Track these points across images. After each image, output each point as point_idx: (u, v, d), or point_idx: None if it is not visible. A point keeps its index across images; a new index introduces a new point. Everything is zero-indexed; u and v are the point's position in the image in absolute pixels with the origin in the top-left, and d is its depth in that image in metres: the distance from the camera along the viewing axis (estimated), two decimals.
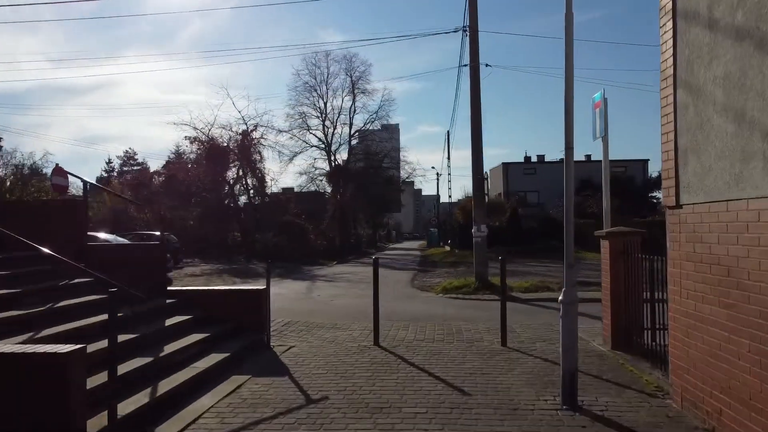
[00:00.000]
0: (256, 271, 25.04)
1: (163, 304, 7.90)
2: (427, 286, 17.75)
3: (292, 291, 16.74)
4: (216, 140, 37.68)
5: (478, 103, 15.94)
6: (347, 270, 26.83)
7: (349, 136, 51.49)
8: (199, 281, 19.85)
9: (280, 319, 10.74)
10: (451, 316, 11.34)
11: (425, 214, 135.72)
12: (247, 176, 38.68)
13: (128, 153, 65.11)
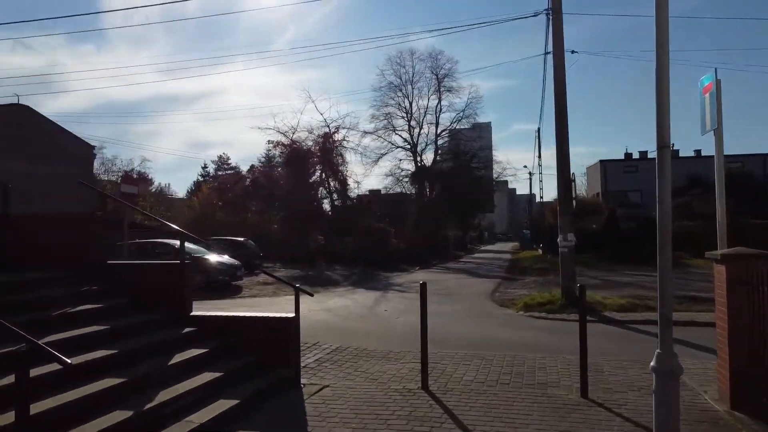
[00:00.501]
0: (330, 278, 24.24)
1: (179, 334, 6.91)
2: (507, 300, 16.00)
3: (359, 304, 15.58)
4: (298, 144, 37.51)
5: (562, 95, 14.04)
6: (427, 277, 25.33)
7: (436, 135, 50.11)
8: (268, 290, 19.20)
9: (329, 343, 9.56)
10: (526, 344, 9.67)
11: (519, 214, 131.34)
12: (329, 179, 38.22)
13: (222, 158, 67.26)
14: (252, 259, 25.70)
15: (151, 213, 45.20)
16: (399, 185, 48.51)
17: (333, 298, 16.90)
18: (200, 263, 19.08)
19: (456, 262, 38.84)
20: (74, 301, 6.67)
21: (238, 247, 25.81)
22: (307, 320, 12.18)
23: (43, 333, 5.70)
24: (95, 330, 6.16)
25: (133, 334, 6.54)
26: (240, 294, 18.20)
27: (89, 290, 7.09)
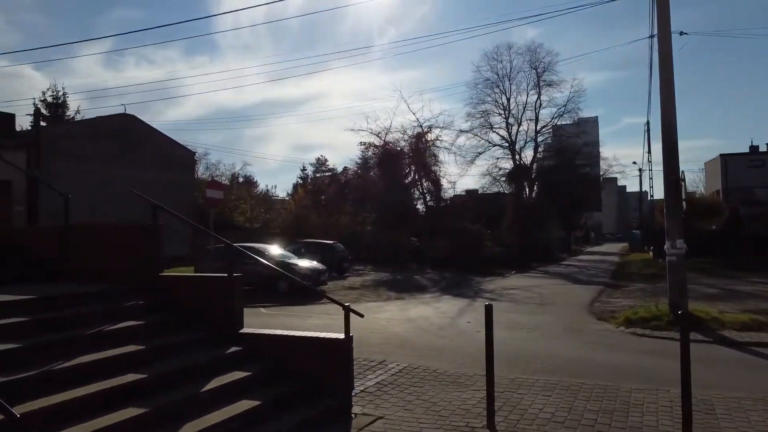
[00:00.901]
0: (418, 283, 23.47)
1: (222, 355, 6.40)
2: (607, 312, 14.44)
3: (441, 314, 14.67)
4: (391, 144, 37.09)
5: (669, 82, 12.35)
6: (522, 283, 23.98)
7: (536, 132, 47.94)
8: (352, 295, 18.74)
9: (397, 362, 8.77)
10: (623, 370, 8.37)
11: (630, 213, 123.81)
12: (422, 180, 37.47)
13: (320, 160, 68.48)
14: (341, 262, 25.53)
15: (251, 216, 46.76)
16: (496, 185, 46.90)
17: (416, 306, 16.12)
18: (284, 268, 18.97)
19: (557, 266, 36.77)
20: (116, 318, 6.34)
21: (326, 249, 25.72)
22: (382, 333, 11.54)
23: (72, 354, 5.38)
24: (129, 350, 5.77)
25: (172, 354, 6.11)
26: (321, 299, 17.83)
27: (135, 305, 6.77)
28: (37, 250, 8.28)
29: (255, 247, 20.32)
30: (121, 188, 27.01)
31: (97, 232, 8.31)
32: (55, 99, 39.77)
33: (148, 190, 28.94)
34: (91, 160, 26.47)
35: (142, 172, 29.11)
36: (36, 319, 5.73)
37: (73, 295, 6.51)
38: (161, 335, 6.42)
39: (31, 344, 5.28)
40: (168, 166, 30.94)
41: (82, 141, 26.60)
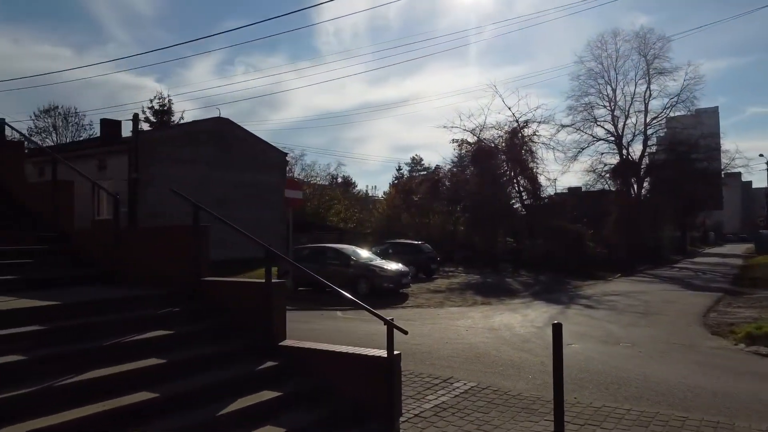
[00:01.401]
0: (509, 287, 22.05)
1: (254, 370, 5.75)
2: (724, 325, 12.53)
3: (528, 323, 13.38)
4: (484, 141, 35.64)
5: None
6: (625, 288, 21.91)
7: (645, 124, 44.51)
8: (436, 299, 17.81)
9: (464, 380, 7.78)
10: (740, 402, 6.86)
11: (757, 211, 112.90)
12: (519, 177, 35.69)
13: (415, 159, 67.88)
14: (428, 264, 24.64)
15: (345, 216, 46.92)
16: (601, 182, 43.93)
17: (502, 314, 14.90)
18: (365, 270, 18.40)
19: (669, 269, 33.67)
20: (144, 327, 5.87)
21: (413, 250, 24.91)
22: (456, 344, 10.54)
23: (84, 368, 4.92)
24: (149, 365, 5.24)
25: (199, 369, 5.53)
26: (403, 303, 17.06)
27: (169, 313, 6.29)
28: (92, 251, 8.10)
29: (336, 248, 19.94)
30: (217, 191, 27.93)
31: (147, 234, 8.00)
32: (161, 106, 42.07)
33: (243, 191, 29.74)
34: (188, 163, 27.38)
35: (237, 174, 29.81)
36: (54, 327, 5.33)
37: (103, 302, 6.11)
38: (190, 347, 5.87)
39: (40, 356, 4.86)
40: (262, 167, 31.49)
41: (180, 145, 27.59)
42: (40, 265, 7.46)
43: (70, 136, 49.20)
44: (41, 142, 44.55)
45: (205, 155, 28.56)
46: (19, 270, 7.13)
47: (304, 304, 16.08)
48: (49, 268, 7.50)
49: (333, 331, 12.16)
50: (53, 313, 5.60)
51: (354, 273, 18.08)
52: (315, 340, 10.89)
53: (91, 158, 27.17)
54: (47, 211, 8.69)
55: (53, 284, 7.03)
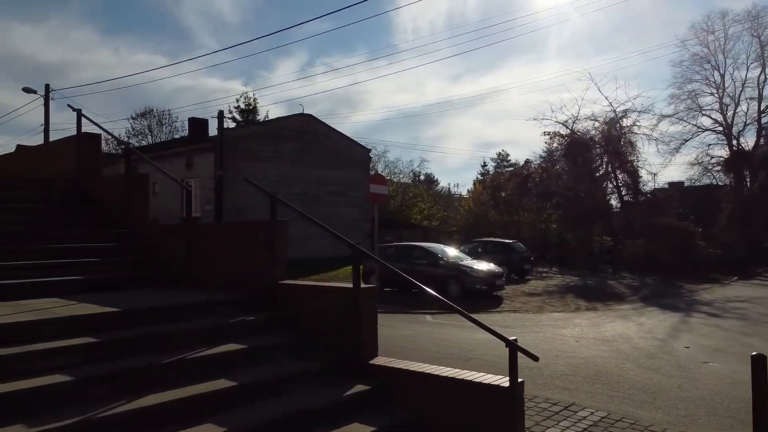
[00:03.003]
0: (614, 290, 20.05)
1: (340, 397, 4.69)
2: None
3: (647, 333, 11.65)
4: (578, 133, 33.33)
5: None
6: (748, 293, 19.39)
7: (758, 112, 40.23)
8: (534, 303, 16.26)
9: (589, 408, 6.41)
10: None
11: None
12: (616, 171, 33.11)
13: (501, 155, 65.57)
14: (521, 264, 23.00)
15: (429, 214, 45.75)
16: (707, 175, 40.23)
17: (612, 321, 13.21)
18: (455, 270, 17.13)
19: None
20: (213, 339, 4.97)
21: (504, 249, 23.33)
22: (569, 357, 9.11)
23: (136, 392, 4.04)
24: (216, 388, 4.29)
25: (275, 393, 4.54)
26: (498, 307, 15.66)
27: (242, 322, 5.37)
28: (162, 249, 7.39)
29: (423, 247, 18.79)
30: (299, 187, 27.56)
31: (219, 230, 7.17)
32: (247, 105, 42.63)
33: (326, 188, 29.24)
34: (271, 160, 27.13)
35: (320, 170, 29.34)
36: (108, 339, 4.50)
37: (166, 309, 5.27)
38: (265, 365, 4.90)
39: (87, 376, 4.03)
40: (345, 164, 30.90)
41: (264, 142, 27.39)
42: (105, 264, 6.80)
43: (164, 137, 50.97)
44: (137, 143, 46.28)
45: (288, 152, 28.24)
46: (82, 270, 6.49)
47: (390, 306, 15.04)
48: (115, 268, 6.82)
49: (424, 338, 11.03)
50: (109, 322, 4.80)
51: (443, 273, 16.86)
52: (404, 347, 9.84)
53: (179, 157, 27.49)
54: (119, 207, 8.09)
55: (116, 286, 6.34)
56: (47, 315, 4.70)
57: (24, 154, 10.76)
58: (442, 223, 45.69)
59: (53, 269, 6.32)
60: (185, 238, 6.91)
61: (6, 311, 4.91)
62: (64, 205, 8.32)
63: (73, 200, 8.54)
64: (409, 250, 18.54)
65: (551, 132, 33.81)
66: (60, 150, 9.59)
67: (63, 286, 6.04)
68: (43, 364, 4.07)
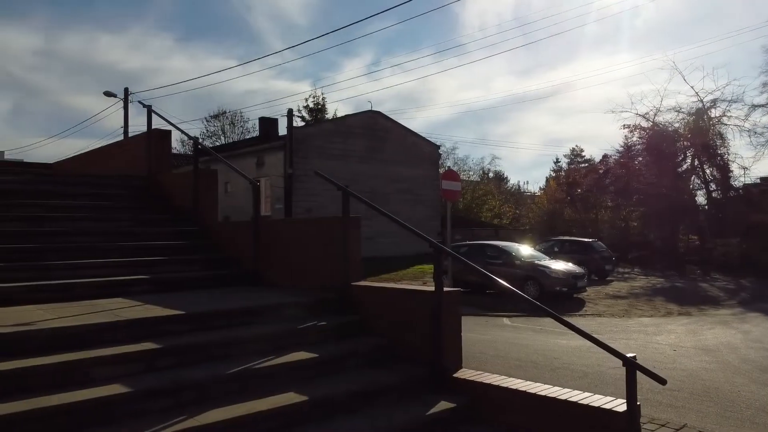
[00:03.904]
0: (708, 293, 18.52)
1: (423, 415, 4.13)
2: None
3: (754, 342, 10.45)
4: (660, 126, 31.35)
5: None
6: None
7: None
8: (619, 306, 15.16)
9: (698, 430, 5.58)
10: None
11: None
12: (704, 165, 30.92)
13: (574, 150, 63.05)
14: (602, 264, 21.73)
15: (499, 212, 44.54)
16: None
17: (712, 328, 12.02)
18: (533, 271, 16.24)
19: None
20: (281, 346, 4.54)
21: (584, 249, 22.09)
22: (668, 369, 8.16)
23: (208, 402, 3.65)
24: (288, 403, 3.83)
25: (349, 410, 4.05)
26: (580, 310, 14.68)
27: (313, 328, 4.91)
28: (231, 248, 7.08)
29: (498, 246, 17.98)
30: (368, 185, 27.22)
31: (288, 228, 6.78)
32: (315, 104, 42.89)
33: (394, 186, 28.78)
34: (340, 158, 26.94)
35: (388, 167, 28.94)
36: (170, 346, 4.13)
37: (232, 312, 4.87)
38: (337, 377, 4.42)
39: (146, 388, 3.66)
40: (414, 161, 30.37)
41: (332, 139, 27.25)
42: (174, 263, 6.54)
43: (236, 138, 52.14)
44: (210, 144, 47.46)
45: (357, 149, 27.99)
46: (150, 269, 6.24)
47: (465, 308, 14.32)
48: (183, 266, 6.56)
49: (503, 343, 10.34)
50: (173, 326, 4.45)
51: (520, 273, 16.01)
52: (482, 353, 9.18)
53: (250, 156, 27.78)
54: (189, 204, 7.87)
55: (184, 286, 6.05)
56: (111, 317, 4.40)
57: (97, 153, 10.84)
58: (513, 221, 44.39)
59: (121, 267, 6.12)
60: (253, 235, 6.56)
61: (73, 311, 4.67)
62: (134, 202, 8.20)
63: (142, 197, 8.41)
64: (483, 249, 17.78)
65: (631, 125, 31.97)
66: (132, 147, 9.55)
67: (131, 285, 5.80)
68: (102, 373, 3.75)
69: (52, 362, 3.65)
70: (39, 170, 11.11)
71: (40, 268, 5.69)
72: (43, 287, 5.34)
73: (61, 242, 6.35)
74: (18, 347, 3.78)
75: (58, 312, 4.66)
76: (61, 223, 6.77)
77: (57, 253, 6.05)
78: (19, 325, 4.08)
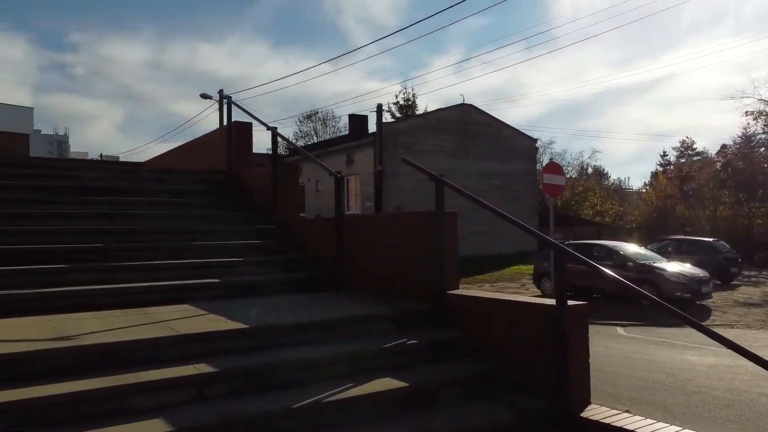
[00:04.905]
0: None
1: None
2: None
3: None
4: None
5: None
6: None
7: None
8: (753, 316, 13.17)
9: None
10: None
11: None
12: None
13: (685, 142, 58.28)
14: (726, 267, 19.38)
15: (601, 209, 41.78)
16: None
17: None
18: (648, 274, 14.52)
19: None
20: (367, 370, 3.67)
21: (704, 249, 19.78)
22: None
23: None
24: None
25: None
26: (706, 320, 12.84)
27: (402, 346, 4.00)
28: (311, 248, 6.34)
29: (606, 245, 16.32)
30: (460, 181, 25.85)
31: (374, 225, 5.91)
32: (405, 100, 42.15)
33: (488, 182, 27.40)
34: (431, 154, 25.91)
35: (481, 163, 27.65)
36: (228, 370, 3.37)
37: (303, 326, 4.05)
38: (433, 412, 3.50)
39: (191, 427, 2.89)
40: (508, 155, 28.86)
41: (422, 135, 26.32)
42: (249, 264, 5.87)
43: (329, 137, 52.52)
44: (303, 144, 48.01)
45: (448, 144, 26.89)
46: (223, 270, 5.60)
47: None
48: (259, 269, 5.87)
49: (620, 358, 9.00)
50: (234, 343, 3.70)
51: (633, 277, 14.29)
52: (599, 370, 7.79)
53: (340, 154, 27.44)
54: (268, 200, 7.22)
55: (257, 291, 5.35)
56: (164, 331, 3.72)
57: (183, 148, 10.54)
58: (616, 218, 41.54)
59: (190, 270, 5.51)
60: (335, 233, 5.77)
61: (127, 321, 4.06)
62: (212, 198, 7.68)
63: (221, 193, 7.88)
64: (588, 249, 16.17)
65: (754, 111, 28.76)
66: (214, 141, 9.11)
67: (199, 290, 5.16)
68: (143, 403, 3.04)
69: (85, 389, 2.98)
70: (128, 167, 10.98)
71: (104, 270, 5.18)
72: (103, 292, 4.81)
73: (130, 241, 5.85)
74: (46, 367, 3.15)
75: (110, 322, 4.06)
76: (132, 221, 6.30)
77: (124, 254, 5.54)
78: (57, 339, 3.47)
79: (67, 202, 6.50)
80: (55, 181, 7.12)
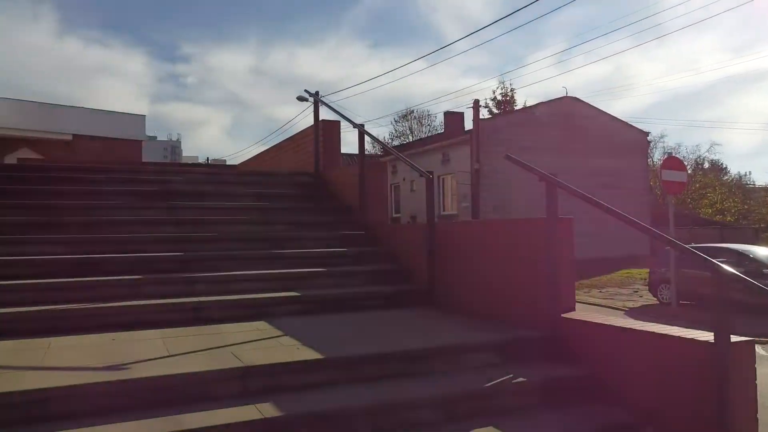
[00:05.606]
0: None
1: None
2: None
3: None
4: None
5: None
6: None
7: None
8: None
9: None
10: None
11: None
12: None
13: None
14: None
15: (722, 207, 38.13)
16: None
17: None
18: None
19: None
20: (468, 413, 2.98)
21: None
22: None
23: None
24: None
25: None
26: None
27: (509, 384, 3.26)
28: (403, 256, 5.70)
29: (736, 250, 14.42)
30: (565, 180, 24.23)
31: (470, 233, 5.14)
32: (503, 96, 40.58)
33: (596, 180, 25.55)
34: (532, 150, 24.51)
35: (588, 159, 25.85)
36: (284, 417, 2.77)
37: (393, 357, 3.40)
38: None
39: None
40: (617, 151, 26.81)
41: (522, 130, 24.99)
42: (333, 276, 5.32)
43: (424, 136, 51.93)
44: (399, 144, 47.74)
45: (549, 140, 25.33)
46: (303, 283, 5.09)
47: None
48: (344, 281, 5.30)
49: None
50: (305, 376, 3.12)
51: None
52: None
53: (435, 152, 26.70)
54: (355, 204, 6.67)
55: (342, 307, 4.80)
56: (226, 361, 3.21)
57: (272, 150, 10.31)
58: (739, 217, 37.79)
59: (270, 282, 5.03)
60: (425, 242, 5.09)
61: (191, 345, 3.60)
62: (298, 201, 7.25)
63: (308, 196, 7.43)
64: (713, 254, 14.38)
65: None
66: (302, 142, 8.73)
67: (277, 305, 4.68)
68: None
69: None
70: (222, 170, 10.90)
71: (180, 281, 4.81)
72: (175, 306, 4.42)
73: (209, 250, 5.48)
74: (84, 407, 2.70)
75: (174, 345, 3.62)
76: (213, 228, 5.95)
77: (202, 263, 5.17)
78: (108, 369, 3.05)
79: (151, 208, 6.27)
80: (144, 185, 6.96)
